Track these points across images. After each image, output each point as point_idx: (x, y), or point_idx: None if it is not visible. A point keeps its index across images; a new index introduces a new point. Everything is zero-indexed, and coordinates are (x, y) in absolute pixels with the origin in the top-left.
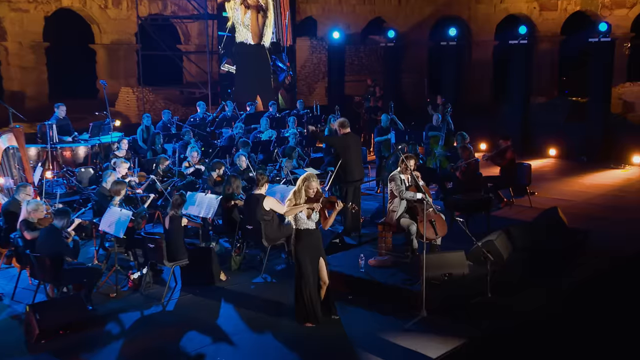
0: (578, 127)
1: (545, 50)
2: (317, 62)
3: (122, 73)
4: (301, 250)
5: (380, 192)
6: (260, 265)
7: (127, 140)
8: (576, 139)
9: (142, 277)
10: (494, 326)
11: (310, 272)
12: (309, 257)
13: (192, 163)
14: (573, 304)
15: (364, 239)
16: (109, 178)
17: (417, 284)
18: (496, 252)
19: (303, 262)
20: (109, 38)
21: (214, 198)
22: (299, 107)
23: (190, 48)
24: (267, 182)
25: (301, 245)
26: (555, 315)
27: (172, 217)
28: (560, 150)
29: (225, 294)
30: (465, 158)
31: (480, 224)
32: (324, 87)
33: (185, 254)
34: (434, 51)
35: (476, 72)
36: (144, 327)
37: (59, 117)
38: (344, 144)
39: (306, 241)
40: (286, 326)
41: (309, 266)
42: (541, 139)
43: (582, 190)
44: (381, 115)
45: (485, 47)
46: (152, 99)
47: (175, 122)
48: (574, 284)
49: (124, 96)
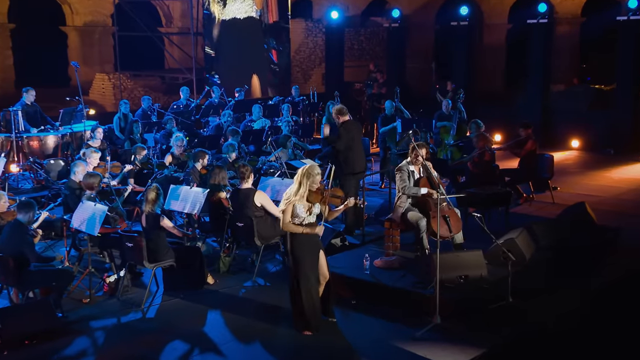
0: (603, 115)
1: (564, 33)
2: (313, 46)
3: (96, 58)
4: (299, 246)
5: (385, 187)
6: (252, 267)
7: (102, 128)
8: (601, 128)
9: (119, 281)
10: (516, 334)
11: (310, 270)
12: (309, 252)
13: (177, 154)
14: (603, 306)
15: (368, 238)
16: (78, 169)
17: (429, 287)
18: (518, 252)
19: (302, 258)
20: (81, 19)
21: (200, 192)
22: (294, 94)
23: (173, 31)
24: (252, 174)
25: (299, 240)
26: (584, 321)
27: (148, 214)
28: (583, 142)
29: (213, 299)
30: (480, 148)
31: (497, 221)
32: (321, 73)
33: (168, 254)
34: (441, 34)
35: (488, 58)
36: (122, 336)
37: (26, 102)
38: (347, 135)
39: (305, 237)
40: (282, 335)
41: (308, 262)
42: (562, 129)
43: (611, 185)
44: (385, 103)
45: (498, 31)
46: (130, 86)
47: (156, 109)
48: (604, 284)
49: (99, 83)
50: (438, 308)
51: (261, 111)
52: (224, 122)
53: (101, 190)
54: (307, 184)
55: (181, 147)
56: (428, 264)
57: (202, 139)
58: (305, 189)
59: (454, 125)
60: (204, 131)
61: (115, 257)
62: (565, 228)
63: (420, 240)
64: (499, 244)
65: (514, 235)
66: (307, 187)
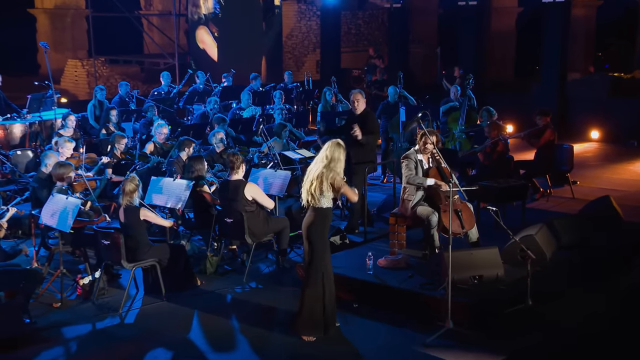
0: (625, 104)
1: (578, 17)
2: (306, 30)
3: (69, 43)
4: (324, 231)
5: (388, 182)
6: (243, 267)
7: (74, 116)
8: (623, 119)
9: (94, 282)
10: (536, 340)
11: (330, 262)
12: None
13: (160, 142)
14: (633, 310)
15: (371, 235)
16: (49, 160)
17: (440, 288)
18: (537, 250)
19: (326, 244)
20: (52, 1)
21: (184, 184)
22: (286, 81)
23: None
24: (243, 164)
25: (324, 225)
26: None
27: (126, 207)
28: (604, 133)
29: (199, 302)
30: (493, 137)
31: (512, 217)
32: (315, 60)
33: (149, 253)
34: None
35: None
36: (97, 344)
37: None
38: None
39: (328, 222)
40: (277, 341)
41: (329, 252)
42: (580, 120)
43: (636, 179)
44: (387, 89)
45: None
46: (106, 73)
47: (135, 95)
48: (634, 286)
49: (72, 71)
50: (450, 312)
51: (250, 98)
52: (209, 109)
53: (74, 182)
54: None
55: (163, 135)
56: (439, 263)
57: (186, 128)
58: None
59: (462, 114)
60: (188, 120)
61: (89, 257)
62: (589, 224)
63: (430, 238)
64: (517, 241)
65: (532, 231)
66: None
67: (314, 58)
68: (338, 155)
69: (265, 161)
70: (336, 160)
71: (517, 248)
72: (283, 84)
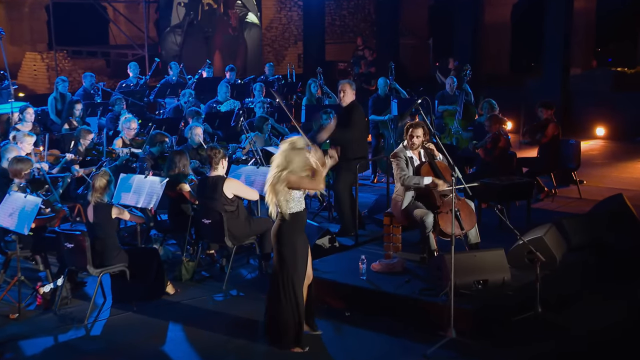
0: (631, 99)
1: (578, 10)
2: (287, 22)
3: (27, 36)
4: (294, 238)
5: (379, 182)
6: (222, 274)
7: (33, 110)
8: (630, 114)
9: (56, 291)
10: (547, 350)
11: (304, 270)
12: (303, 247)
13: (128, 138)
14: None
15: (362, 238)
16: (10, 154)
17: (442, 294)
18: (547, 252)
19: (297, 249)
20: None
21: (157, 182)
22: (267, 73)
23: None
24: (224, 159)
25: (293, 231)
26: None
27: (96, 205)
28: (609, 129)
29: (174, 312)
30: (494, 132)
31: (516, 217)
32: (297, 54)
33: (119, 257)
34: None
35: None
36: (60, 358)
37: None
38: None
39: (299, 226)
40: (260, 354)
41: (302, 256)
42: (584, 116)
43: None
44: (377, 82)
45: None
46: (68, 67)
47: (101, 88)
48: None
49: (30, 64)
50: (453, 320)
51: (228, 91)
52: (183, 103)
53: (33, 178)
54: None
55: (132, 130)
56: (439, 267)
57: (158, 123)
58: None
59: (458, 109)
60: (159, 114)
61: (50, 263)
62: (601, 224)
63: (426, 240)
64: (525, 242)
65: (540, 232)
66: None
67: (296, 51)
68: (293, 156)
69: (246, 157)
70: (293, 162)
71: (525, 250)
72: (264, 76)
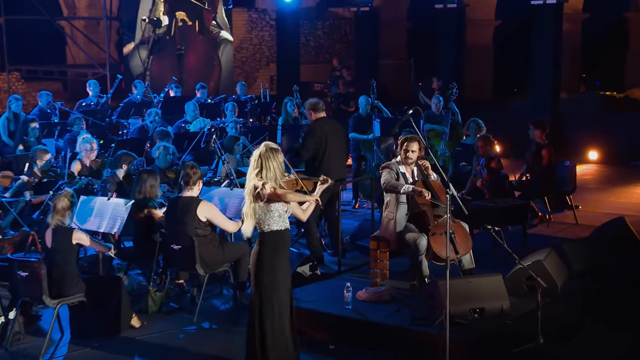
0: (622, 122)
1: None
2: (258, 42)
3: None
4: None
5: (361, 208)
6: (193, 305)
7: None
8: (623, 137)
9: (7, 325)
10: None
11: (287, 296)
12: (286, 270)
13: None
14: None
15: (344, 267)
16: None
17: (436, 323)
18: (547, 277)
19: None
20: None
21: (121, 204)
22: (239, 92)
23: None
24: (200, 180)
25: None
26: None
27: (56, 228)
28: (602, 153)
29: (139, 348)
30: (482, 154)
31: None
32: (269, 75)
33: (78, 287)
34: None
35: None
36: None
37: None
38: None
39: (281, 249)
40: None
41: (284, 284)
42: (575, 139)
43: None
44: (358, 100)
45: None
46: (22, 90)
47: (58, 107)
48: None
49: None
50: (448, 351)
51: (197, 109)
52: (149, 122)
53: None
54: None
55: (93, 153)
56: (432, 294)
57: (122, 143)
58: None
59: (445, 130)
60: (122, 135)
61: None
62: (602, 248)
63: (419, 265)
64: (525, 267)
65: (540, 257)
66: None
67: (268, 73)
68: (270, 163)
69: (217, 179)
70: (269, 168)
71: (524, 275)
72: (235, 96)
